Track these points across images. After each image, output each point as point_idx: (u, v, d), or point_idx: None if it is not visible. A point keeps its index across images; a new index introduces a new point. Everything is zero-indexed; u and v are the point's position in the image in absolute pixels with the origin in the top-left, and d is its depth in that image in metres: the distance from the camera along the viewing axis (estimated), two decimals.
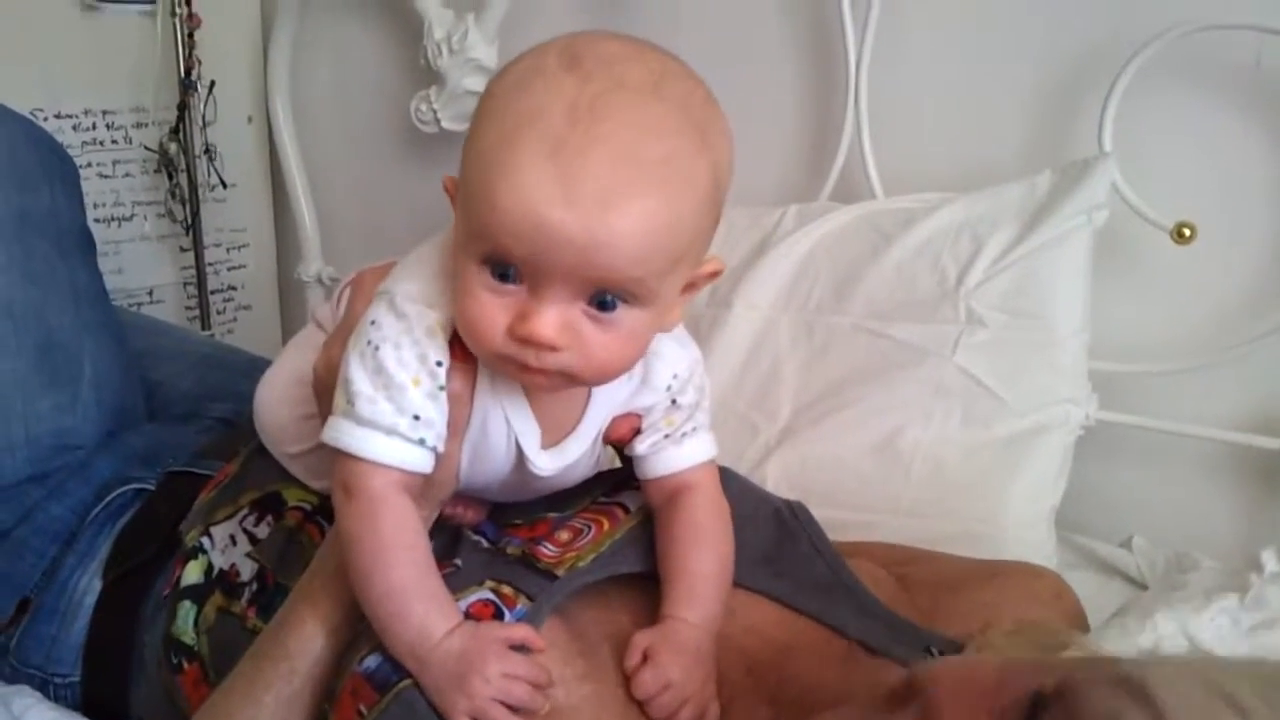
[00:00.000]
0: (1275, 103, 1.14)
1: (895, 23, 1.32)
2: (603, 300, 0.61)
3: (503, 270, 0.61)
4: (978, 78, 1.32)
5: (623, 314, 0.62)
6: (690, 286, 0.68)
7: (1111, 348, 1.21)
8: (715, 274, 0.69)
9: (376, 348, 0.66)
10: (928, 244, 1.22)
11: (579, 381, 0.66)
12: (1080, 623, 0.88)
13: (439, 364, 0.67)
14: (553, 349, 0.61)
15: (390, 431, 0.66)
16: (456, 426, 0.70)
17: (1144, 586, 1.16)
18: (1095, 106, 1.18)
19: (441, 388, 0.67)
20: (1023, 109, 1.30)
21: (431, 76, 1.65)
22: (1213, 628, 0.89)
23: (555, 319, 0.61)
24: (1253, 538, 1.13)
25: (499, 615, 0.69)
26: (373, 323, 0.68)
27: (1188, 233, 1.13)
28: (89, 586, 1.00)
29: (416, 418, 0.66)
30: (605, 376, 0.67)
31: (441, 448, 0.68)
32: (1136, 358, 1.22)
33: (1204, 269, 1.19)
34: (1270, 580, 0.97)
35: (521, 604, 0.70)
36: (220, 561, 0.91)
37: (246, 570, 0.89)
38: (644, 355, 0.69)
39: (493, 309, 0.62)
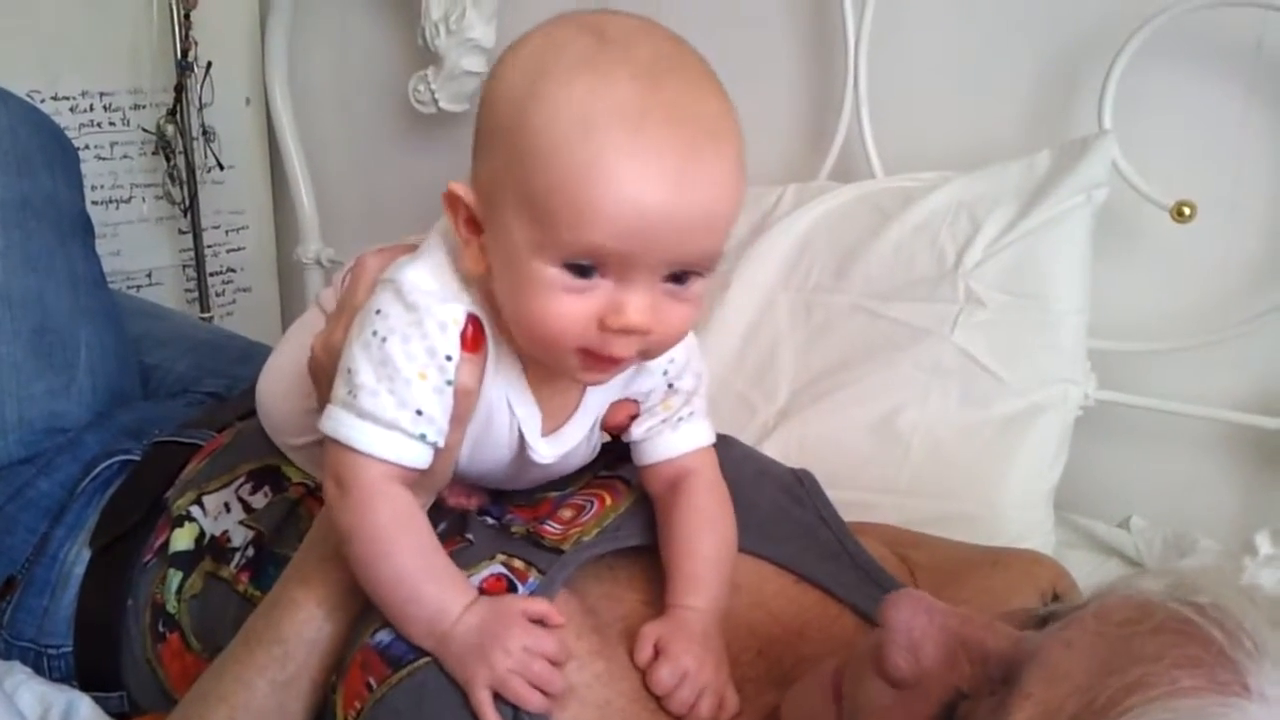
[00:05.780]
0: (1276, 82, 1.14)
1: (895, 0, 1.31)
2: (679, 275, 0.62)
3: (584, 268, 0.61)
4: (977, 55, 1.31)
5: (694, 284, 0.63)
6: None
7: (1111, 327, 1.21)
8: None
9: (384, 339, 0.65)
10: (926, 223, 1.22)
11: (646, 359, 0.67)
12: None
13: (448, 358, 0.65)
14: (644, 333, 0.62)
15: (390, 426, 0.64)
16: (461, 418, 0.68)
17: (1142, 567, 1.16)
18: (1095, 84, 1.17)
19: (449, 382, 0.65)
20: (1022, 87, 1.29)
21: (429, 57, 1.64)
22: None
23: (647, 303, 0.61)
24: (1251, 518, 1.13)
25: (512, 589, 0.69)
26: (378, 312, 0.66)
27: (1188, 211, 1.12)
28: (78, 557, 1.00)
29: (419, 413, 0.65)
30: (669, 348, 0.68)
31: (442, 443, 0.67)
32: (1136, 337, 1.22)
33: (1204, 248, 1.19)
34: (1264, 563, 0.97)
35: (533, 577, 0.70)
36: (212, 528, 0.91)
37: (238, 537, 0.89)
38: None
39: (575, 307, 0.61)
